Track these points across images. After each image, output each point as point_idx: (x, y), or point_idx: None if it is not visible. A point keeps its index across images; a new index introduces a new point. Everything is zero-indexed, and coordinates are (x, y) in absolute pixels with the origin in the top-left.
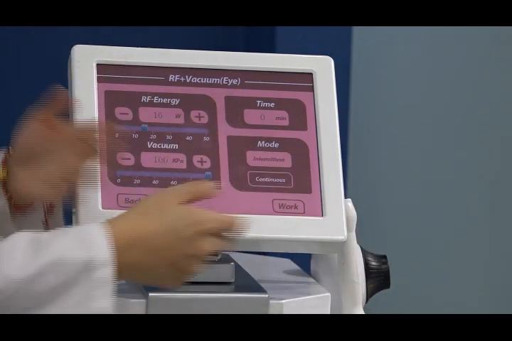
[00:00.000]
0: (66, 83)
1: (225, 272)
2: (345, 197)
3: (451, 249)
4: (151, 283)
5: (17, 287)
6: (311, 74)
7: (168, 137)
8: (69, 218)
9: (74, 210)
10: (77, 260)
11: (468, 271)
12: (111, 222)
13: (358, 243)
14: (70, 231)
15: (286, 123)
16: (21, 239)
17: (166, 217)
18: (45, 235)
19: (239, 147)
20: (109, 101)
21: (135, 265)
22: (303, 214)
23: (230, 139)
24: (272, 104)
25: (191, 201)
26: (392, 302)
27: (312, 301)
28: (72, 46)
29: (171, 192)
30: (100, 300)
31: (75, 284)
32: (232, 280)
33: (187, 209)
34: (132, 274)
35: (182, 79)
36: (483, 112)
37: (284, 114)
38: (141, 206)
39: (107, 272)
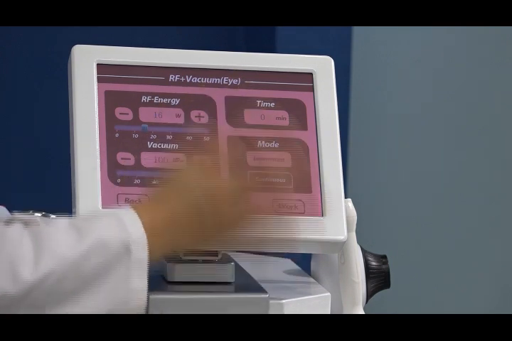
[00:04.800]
0: (66, 83)
1: (225, 272)
2: (345, 197)
3: (451, 248)
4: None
5: (68, 267)
6: (311, 74)
7: (168, 137)
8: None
9: (74, 210)
10: (117, 242)
11: (468, 271)
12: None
13: (358, 243)
14: (104, 216)
15: (286, 123)
16: (61, 222)
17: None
18: (80, 220)
19: (239, 147)
20: (109, 101)
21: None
22: (303, 214)
23: (230, 139)
24: (272, 104)
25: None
26: (392, 302)
27: (312, 301)
28: (72, 46)
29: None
30: (137, 280)
31: (116, 265)
32: (232, 280)
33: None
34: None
35: (182, 79)
36: (484, 112)
37: (284, 114)
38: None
39: (143, 253)
